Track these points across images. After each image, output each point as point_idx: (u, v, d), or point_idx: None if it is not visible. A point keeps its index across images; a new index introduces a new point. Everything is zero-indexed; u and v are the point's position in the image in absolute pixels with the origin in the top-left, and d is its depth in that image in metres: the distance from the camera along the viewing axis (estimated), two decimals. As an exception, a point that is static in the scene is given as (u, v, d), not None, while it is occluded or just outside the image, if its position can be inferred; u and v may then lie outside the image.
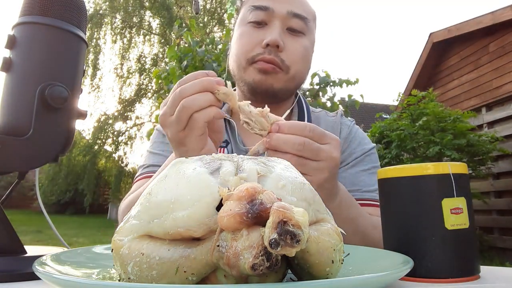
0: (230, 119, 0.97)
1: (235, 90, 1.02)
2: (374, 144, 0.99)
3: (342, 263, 0.39)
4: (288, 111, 0.94)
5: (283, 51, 0.87)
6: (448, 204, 0.46)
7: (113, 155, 15.32)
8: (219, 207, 0.33)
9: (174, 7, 14.99)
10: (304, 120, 0.96)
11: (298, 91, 1.03)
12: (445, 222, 0.46)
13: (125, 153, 15.27)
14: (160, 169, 0.81)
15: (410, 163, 1.10)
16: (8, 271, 0.48)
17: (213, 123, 0.66)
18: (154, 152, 0.98)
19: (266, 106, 0.59)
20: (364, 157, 0.94)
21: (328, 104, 4.46)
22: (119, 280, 0.37)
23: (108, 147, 15.32)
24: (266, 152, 0.60)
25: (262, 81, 0.88)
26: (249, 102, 0.59)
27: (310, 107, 1.04)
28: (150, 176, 0.93)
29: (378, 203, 0.86)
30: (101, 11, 14.76)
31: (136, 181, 0.96)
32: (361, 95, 4.78)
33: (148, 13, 15.40)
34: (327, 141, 0.61)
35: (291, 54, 0.87)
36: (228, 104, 0.61)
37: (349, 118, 1.04)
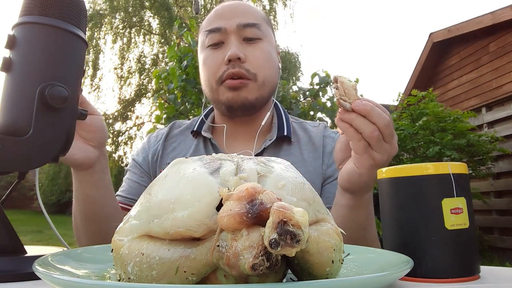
0: (212, 139, 0.97)
1: (213, 111, 1.04)
2: None
3: (342, 263, 0.39)
4: (269, 113, 0.96)
5: (246, 61, 0.90)
6: (448, 204, 0.46)
7: (113, 155, 15.30)
8: (219, 207, 0.33)
9: (174, 7, 14.98)
10: (283, 131, 0.96)
11: (273, 99, 1.02)
12: (445, 222, 0.46)
13: (125, 153, 15.24)
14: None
15: (410, 163, 1.10)
16: (8, 271, 0.48)
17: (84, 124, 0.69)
18: (126, 178, 1.01)
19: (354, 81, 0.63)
20: None
21: (328, 104, 4.46)
22: (119, 280, 0.37)
23: (108, 147, 15.31)
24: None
25: (235, 97, 0.91)
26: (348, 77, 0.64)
27: (290, 116, 1.03)
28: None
29: None
30: (101, 11, 14.75)
31: None
32: (361, 95, 4.78)
33: (148, 13, 15.38)
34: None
35: (254, 62, 0.91)
36: (209, 123, 0.65)
37: (333, 130, 1.02)
